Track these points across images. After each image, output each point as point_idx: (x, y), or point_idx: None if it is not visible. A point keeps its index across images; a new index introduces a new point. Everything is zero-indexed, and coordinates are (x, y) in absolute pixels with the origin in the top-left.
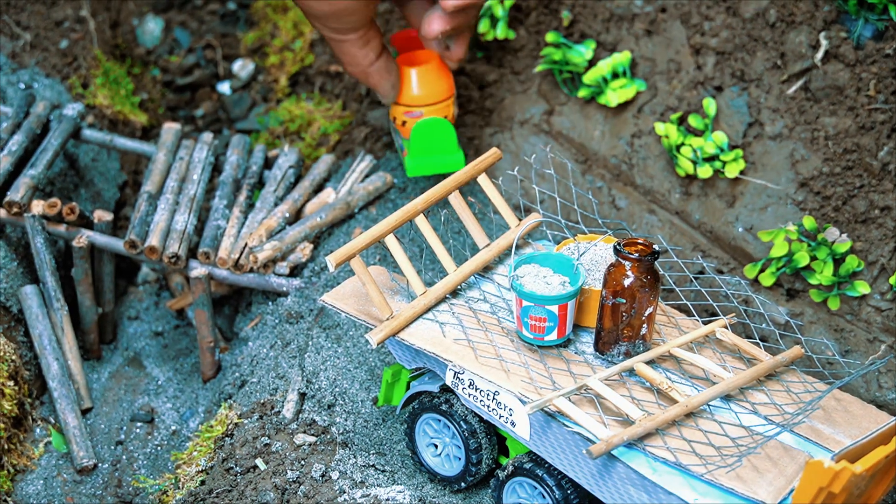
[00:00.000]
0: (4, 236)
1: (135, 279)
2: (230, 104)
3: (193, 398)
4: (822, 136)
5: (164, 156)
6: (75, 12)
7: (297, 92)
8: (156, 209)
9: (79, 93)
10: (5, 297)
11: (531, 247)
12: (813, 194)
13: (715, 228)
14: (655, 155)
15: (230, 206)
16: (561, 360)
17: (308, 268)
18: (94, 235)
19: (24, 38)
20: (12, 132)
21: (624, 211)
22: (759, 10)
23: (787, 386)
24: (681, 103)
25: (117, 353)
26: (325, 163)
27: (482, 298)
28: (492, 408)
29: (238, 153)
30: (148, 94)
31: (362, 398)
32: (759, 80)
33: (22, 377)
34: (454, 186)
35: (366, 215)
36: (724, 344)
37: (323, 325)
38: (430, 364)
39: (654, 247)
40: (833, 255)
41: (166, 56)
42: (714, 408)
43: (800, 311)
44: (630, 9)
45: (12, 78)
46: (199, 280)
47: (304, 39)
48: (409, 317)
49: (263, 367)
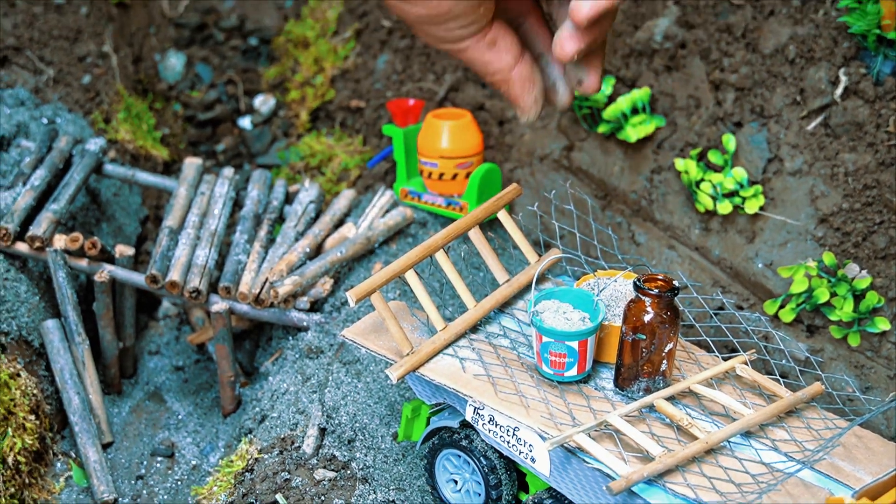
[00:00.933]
0: (27, 270)
1: (156, 313)
2: (251, 139)
3: (214, 433)
4: (841, 172)
5: (185, 190)
6: (98, 48)
7: (318, 127)
8: (177, 244)
9: (101, 128)
10: (27, 331)
11: (551, 282)
12: (833, 230)
13: (735, 264)
14: (675, 191)
15: (251, 241)
16: (581, 396)
17: (328, 302)
18: (115, 270)
19: (48, 74)
20: (35, 167)
21: (644, 246)
22: (778, 47)
23: (808, 422)
24: (700, 139)
25: (138, 387)
26: (345, 198)
27: (502, 334)
28: (512, 443)
29: (259, 188)
30: (170, 129)
31: (382, 433)
32: (779, 115)
33: (43, 411)
34: (474, 222)
35: (386, 250)
36: (744, 380)
37: (343, 360)
38: (450, 399)
39: (674, 283)
40: (853, 291)
41: (188, 91)
42: (734, 444)
43: (820, 347)
44: (649, 45)
45: (35, 113)
46: (220, 315)
47: (324, 75)
48: (429, 352)
49: (283, 402)
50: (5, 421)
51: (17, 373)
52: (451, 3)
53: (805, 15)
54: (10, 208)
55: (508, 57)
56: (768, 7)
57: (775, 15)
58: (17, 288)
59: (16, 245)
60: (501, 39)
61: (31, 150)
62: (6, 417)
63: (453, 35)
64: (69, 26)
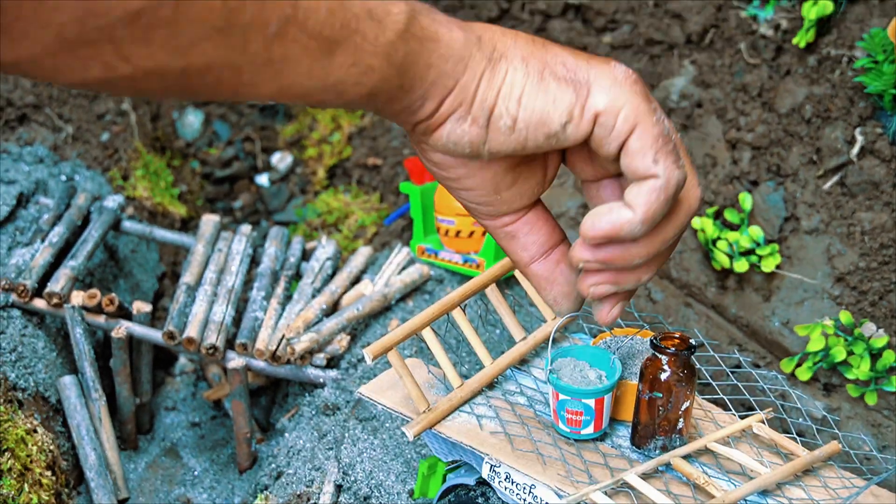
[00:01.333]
0: (44, 327)
1: (172, 369)
2: (268, 196)
3: (230, 489)
4: (858, 231)
5: (202, 247)
6: (117, 106)
7: (335, 184)
8: (194, 300)
9: (119, 185)
10: (44, 387)
11: (568, 340)
12: (849, 289)
13: (751, 322)
14: (691, 249)
15: (268, 298)
16: (597, 454)
17: (345, 359)
18: (132, 326)
19: (66, 131)
20: (53, 223)
21: (660, 304)
22: (794, 106)
23: (825, 481)
24: (717, 197)
25: (154, 443)
26: (362, 255)
27: (518, 391)
28: (528, 501)
29: (276, 245)
30: (187, 186)
31: (398, 490)
32: (795, 174)
33: (59, 467)
34: (491, 279)
35: (402, 307)
36: (760, 438)
37: (359, 416)
38: (466, 457)
39: (691, 341)
40: (870, 350)
41: (205, 148)
42: (751, 503)
43: (837, 405)
44: (666, 103)
45: (54, 170)
46: (237, 371)
47: (341, 132)
48: (446, 409)
49: (300, 459)
50: (22, 477)
51: (33, 429)
52: (461, 174)
53: (821, 75)
54: (29, 265)
55: (525, 255)
56: (784, 67)
57: (791, 75)
58: (34, 344)
59: (34, 301)
60: (523, 235)
61: (49, 207)
62: (23, 473)
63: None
64: None
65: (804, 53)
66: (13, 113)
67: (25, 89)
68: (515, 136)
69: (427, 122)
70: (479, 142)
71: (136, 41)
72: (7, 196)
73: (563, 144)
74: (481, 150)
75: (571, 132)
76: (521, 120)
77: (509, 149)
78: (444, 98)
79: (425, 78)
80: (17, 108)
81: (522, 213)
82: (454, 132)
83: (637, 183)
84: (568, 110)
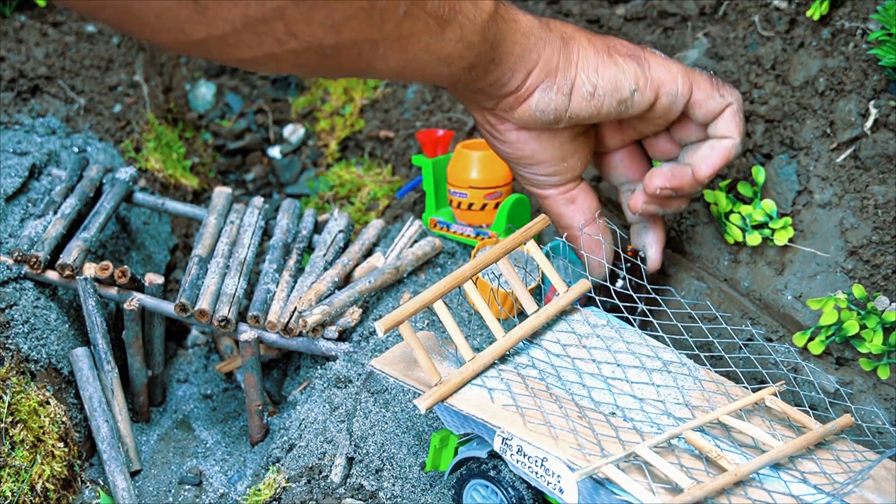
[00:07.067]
0: (57, 299)
1: (184, 342)
2: (280, 169)
3: (241, 461)
4: (871, 204)
5: (214, 219)
6: (129, 77)
7: (347, 157)
8: (206, 272)
9: (131, 157)
10: (56, 359)
11: (579, 313)
12: (862, 262)
13: (764, 296)
14: (704, 222)
15: (280, 271)
16: (609, 427)
17: (357, 332)
18: (144, 298)
19: (79, 103)
20: (66, 195)
21: (673, 277)
22: (808, 79)
23: (837, 454)
24: (730, 171)
25: (166, 415)
26: (374, 227)
27: (531, 364)
28: (540, 474)
29: (288, 217)
30: (199, 159)
31: (410, 463)
32: (809, 148)
33: (72, 439)
34: (503, 253)
35: (414, 280)
36: (773, 412)
37: (371, 389)
38: (478, 430)
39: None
40: (883, 323)
41: (218, 121)
42: (763, 476)
43: (849, 379)
44: None
45: (66, 142)
46: (249, 343)
47: (354, 105)
48: (458, 382)
49: (311, 431)
50: (34, 448)
51: (46, 400)
52: (534, 148)
53: (835, 47)
54: (41, 237)
55: (580, 217)
56: (798, 39)
57: (805, 47)
58: (46, 316)
59: (46, 273)
60: (581, 199)
61: (61, 179)
62: (35, 445)
63: (537, 180)
64: (100, 56)
65: (818, 26)
66: (25, 84)
67: (38, 61)
68: (594, 102)
69: (516, 94)
70: (562, 109)
71: (302, 19)
72: (19, 168)
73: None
74: (563, 116)
75: (638, 100)
76: (600, 87)
77: (587, 114)
78: (531, 71)
79: (512, 52)
80: (30, 80)
81: (580, 181)
82: (542, 101)
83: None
84: (635, 79)
